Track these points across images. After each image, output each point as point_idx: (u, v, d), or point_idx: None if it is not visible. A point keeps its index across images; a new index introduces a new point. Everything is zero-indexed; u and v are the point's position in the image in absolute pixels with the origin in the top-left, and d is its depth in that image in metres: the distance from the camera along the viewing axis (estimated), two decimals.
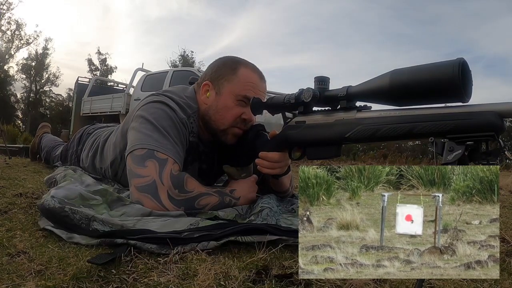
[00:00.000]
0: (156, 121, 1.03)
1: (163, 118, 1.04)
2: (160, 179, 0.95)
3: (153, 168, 0.96)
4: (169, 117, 1.05)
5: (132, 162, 0.99)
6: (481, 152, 0.70)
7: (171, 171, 0.96)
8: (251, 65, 1.15)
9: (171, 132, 1.04)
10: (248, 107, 1.08)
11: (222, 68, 1.13)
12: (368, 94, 0.85)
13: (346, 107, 0.90)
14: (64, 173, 1.24)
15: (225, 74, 1.11)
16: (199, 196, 0.98)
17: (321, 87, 0.94)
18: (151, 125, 1.03)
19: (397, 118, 0.80)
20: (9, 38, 27.31)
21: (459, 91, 0.70)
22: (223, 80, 1.11)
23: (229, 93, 1.10)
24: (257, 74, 1.13)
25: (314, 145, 0.97)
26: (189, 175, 1.00)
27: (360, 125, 0.86)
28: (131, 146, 1.02)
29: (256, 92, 1.10)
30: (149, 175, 0.95)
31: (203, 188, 1.00)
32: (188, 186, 0.97)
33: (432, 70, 0.72)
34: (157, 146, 0.99)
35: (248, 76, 1.11)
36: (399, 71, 0.77)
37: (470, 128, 0.70)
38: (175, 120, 1.06)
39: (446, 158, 0.69)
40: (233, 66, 1.12)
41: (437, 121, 0.74)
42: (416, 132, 0.77)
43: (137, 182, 0.96)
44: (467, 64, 0.71)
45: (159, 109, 1.06)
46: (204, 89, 1.14)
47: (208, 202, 0.98)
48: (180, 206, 0.95)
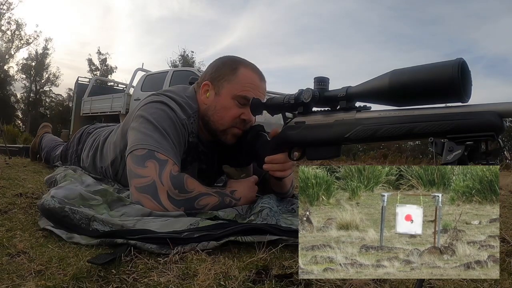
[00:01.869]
0: (156, 122, 1.03)
1: (163, 119, 1.04)
2: (160, 180, 0.95)
3: (153, 169, 0.95)
4: (169, 118, 1.05)
5: (132, 162, 0.99)
6: (481, 152, 0.70)
7: (171, 172, 0.96)
8: (251, 65, 1.14)
9: (171, 132, 1.04)
10: (247, 108, 1.08)
11: (222, 68, 1.13)
12: (368, 94, 0.85)
13: (346, 108, 0.90)
14: (64, 173, 1.24)
15: (225, 74, 1.11)
16: (199, 196, 0.98)
17: (320, 87, 0.94)
18: (151, 125, 1.03)
19: (397, 118, 0.80)
20: (9, 38, 27.33)
21: (458, 91, 0.70)
22: (222, 80, 1.11)
23: (228, 94, 1.10)
24: (257, 74, 1.13)
25: (314, 145, 0.97)
26: (188, 175, 1.00)
27: (360, 125, 0.86)
28: (131, 146, 1.02)
29: (256, 93, 1.10)
30: (149, 175, 0.95)
31: (203, 188, 1.00)
32: (188, 186, 0.97)
33: (431, 71, 0.72)
34: (157, 146, 0.99)
35: (248, 76, 1.11)
36: (399, 71, 0.77)
37: (470, 128, 0.70)
38: (174, 121, 1.06)
39: (446, 158, 0.69)
40: (233, 66, 1.11)
41: (436, 121, 0.74)
42: (416, 132, 0.77)
43: (137, 182, 0.97)
44: (467, 64, 0.71)
45: (160, 110, 1.06)
46: (204, 89, 1.14)
47: (208, 202, 0.98)
48: (180, 206, 0.95)
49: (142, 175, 0.96)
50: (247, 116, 1.11)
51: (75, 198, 0.95)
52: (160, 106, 1.07)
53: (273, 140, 1.08)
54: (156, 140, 1.00)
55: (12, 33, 27.25)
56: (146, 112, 1.06)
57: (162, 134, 1.02)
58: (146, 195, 0.94)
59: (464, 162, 0.69)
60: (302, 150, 1.01)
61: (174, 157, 1.01)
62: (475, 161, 0.69)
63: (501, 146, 0.69)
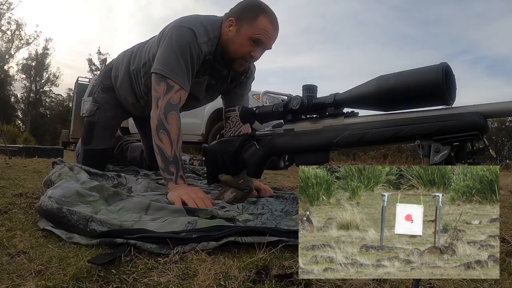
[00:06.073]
0: (178, 46, 1.30)
1: (183, 44, 1.30)
2: (161, 101, 1.27)
3: (162, 89, 1.28)
4: (188, 44, 1.30)
5: (153, 79, 1.32)
6: (467, 151, 0.72)
7: (170, 100, 1.27)
8: (270, 16, 1.33)
9: (188, 58, 1.30)
10: (258, 48, 1.33)
11: (247, 11, 1.33)
12: (355, 100, 0.86)
13: (334, 114, 0.92)
14: (59, 172, 1.24)
15: (247, 17, 1.32)
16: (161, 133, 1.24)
17: (309, 95, 0.97)
18: (173, 52, 1.30)
19: (383, 122, 0.82)
20: (9, 38, 27.33)
21: (443, 94, 0.71)
22: (244, 22, 1.32)
23: (246, 34, 1.32)
24: (272, 24, 1.33)
25: (302, 151, 0.98)
26: (175, 114, 1.26)
27: (348, 130, 0.87)
28: (155, 67, 1.32)
29: (267, 38, 1.32)
30: (159, 92, 1.28)
31: (171, 141, 1.23)
32: (168, 121, 1.25)
33: (416, 75, 0.74)
34: (171, 74, 1.28)
35: (265, 25, 1.31)
36: (385, 77, 0.80)
37: (455, 129, 0.72)
38: (192, 47, 1.31)
39: (433, 159, 0.71)
40: (255, 12, 1.32)
41: (422, 124, 0.76)
42: (402, 135, 0.79)
43: (153, 93, 1.31)
44: (451, 68, 0.73)
45: (184, 36, 1.31)
46: (229, 23, 1.35)
47: (162, 148, 1.23)
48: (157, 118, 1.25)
49: (156, 90, 1.29)
50: (255, 54, 1.35)
51: (72, 195, 0.95)
52: (186, 31, 1.31)
53: (262, 148, 1.09)
54: (173, 66, 1.29)
55: (12, 33, 27.27)
56: (174, 35, 1.32)
57: (178, 61, 1.29)
58: (154, 102, 1.29)
59: (451, 162, 0.71)
60: (291, 156, 1.02)
61: (181, 81, 1.29)
62: (461, 161, 0.71)
63: (486, 145, 0.71)
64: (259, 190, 1.40)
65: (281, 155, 1.05)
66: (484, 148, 0.72)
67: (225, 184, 1.24)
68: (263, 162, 1.10)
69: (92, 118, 1.70)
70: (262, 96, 1.38)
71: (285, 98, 1.06)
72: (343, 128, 0.88)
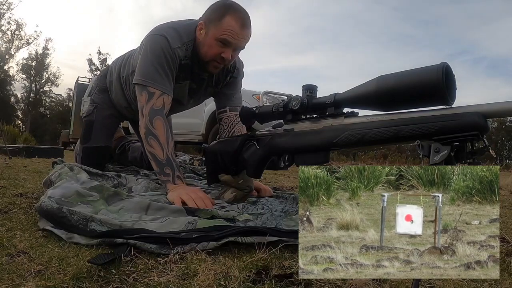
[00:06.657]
0: (153, 55, 1.32)
1: (158, 52, 1.32)
2: (144, 108, 1.29)
3: (144, 98, 1.31)
4: (162, 50, 1.32)
5: (136, 90, 1.35)
6: (467, 151, 0.72)
7: (153, 106, 1.29)
8: (237, 14, 1.31)
9: (164, 64, 1.32)
10: (228, 48, 1.32)
11: (213, 13, 1.33)
12: (355, 100, 0.86)
13: (334, 114, 0.92)
14: (59, 172, 1.24)
15: (214, 19, 1.32)
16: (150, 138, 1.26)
17: (309, 95, 0.97)
18: (149, 60, 1.33)
19: (383, 122, 0.82)
20: (9, 38, 27.34)
21: (443, 94, 0.71)
22: (211, 24, 1.32)
23: (213, 35, 1.32)
24: (239, 23, 1.31)
25: (302, 151, 0.98)
26: (161, 119, 1.27)
27: (348, 130, 0.87)
28: (135, 78, 1.34)
29: (235, 38, 1.30)
30: (142, 101, 1.31)
31: (161, 145, 1.24)
32: (154, 126, 1.26)
33: (416, 75, 0.74)
34: (149, 81, 1.31)
35: (230, 24, 1.29)
36: (385, 77, 0.80)
37: (455, 129, 0.72)
38: (166, 52, 1.33)
39: (433, 159, 0.71)
40: (221, 13, 1.31)
41: (422, 124, 0.76)
42: (402, 135, 0.79)
43: (138, 104, 1.34)
44: (451, 68, 0.73)
45: (157, 44, 1.33)
46: (200, 27, 1.37)
47: (153, 151, 1.25)
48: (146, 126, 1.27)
49: (139, 100, 1.32)
50: (226, 55, 1.33)
51: (72, 195, 0.95)
52: (158, 38, 1.34)
53: (262, 148, 1.09)
54: (151, 75, 1.31)
55: (12, 33, 27.28)
56: (149, 45, 1.35)
57: (155, 68, 1.31)
58: (139, 110, 1.32)
59: (451, 162, 0.71)
60: (291, 156, 1.02)
61: (162, 86, 1.31)
62: (461, 161, 0.71)
63: (486, 145, 0.71)
64: (259, 190, 1.40)
65: (281, 155, 1.05)
66: (484, 148, 0.72)
67: (225, 184, 1.24)
68: (263, 162, 1.10)
69: (90, 117, 1.73)
70: (262, 96, 1.38)
71: (285, 98, 1.06)
72: (343, 128, 0.88)
